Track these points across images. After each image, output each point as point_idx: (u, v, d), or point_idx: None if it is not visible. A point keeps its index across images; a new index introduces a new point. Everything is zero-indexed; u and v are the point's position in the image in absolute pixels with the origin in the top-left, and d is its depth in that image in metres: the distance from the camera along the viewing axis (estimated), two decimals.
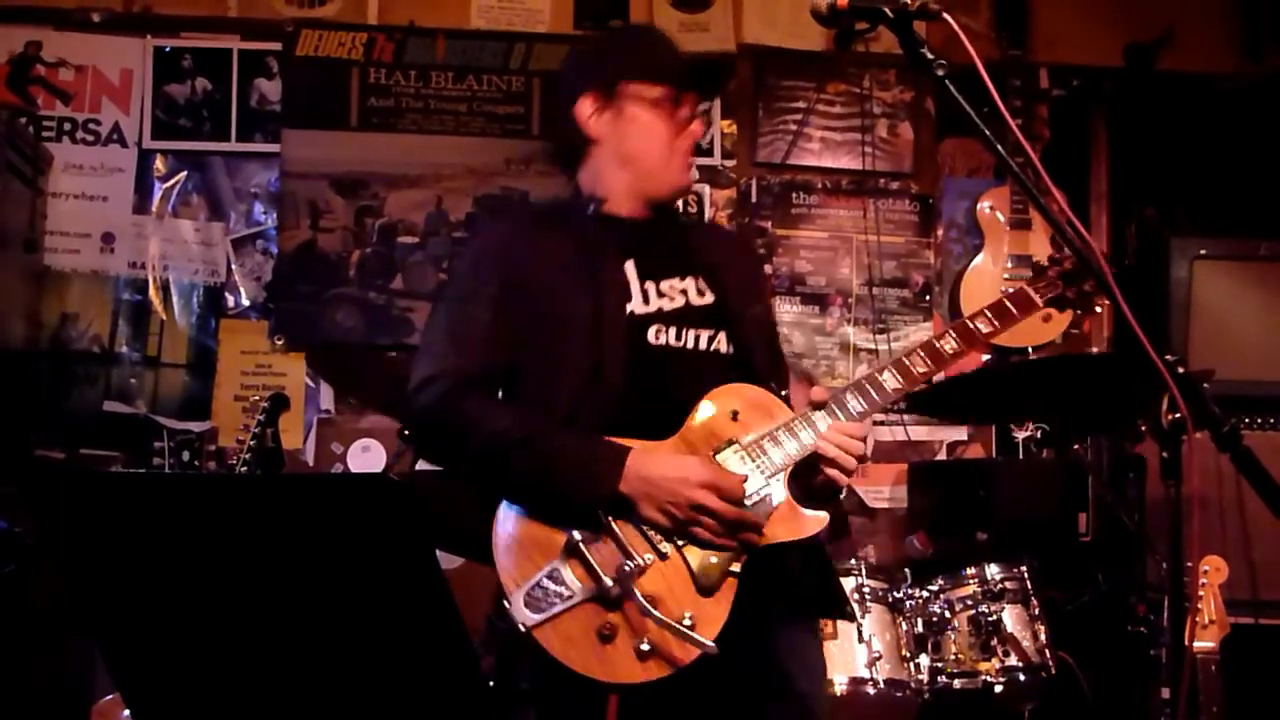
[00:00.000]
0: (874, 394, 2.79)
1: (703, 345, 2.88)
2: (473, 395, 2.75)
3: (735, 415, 2.77)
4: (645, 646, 2.56)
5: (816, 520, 2.75)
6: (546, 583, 2.59)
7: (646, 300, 2.86)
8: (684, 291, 2.91)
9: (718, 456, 2.73)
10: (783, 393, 2.87)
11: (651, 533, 2.65)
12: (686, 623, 2.58)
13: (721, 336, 2.90)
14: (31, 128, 5.54)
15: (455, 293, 2.90)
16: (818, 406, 2.77)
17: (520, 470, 2.67)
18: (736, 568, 2.67)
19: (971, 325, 2.87)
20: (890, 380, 2.80)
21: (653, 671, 2.57)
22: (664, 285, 2.89)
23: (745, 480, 2.68)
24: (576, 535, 2.61)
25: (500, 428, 2.70)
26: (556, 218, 3.00)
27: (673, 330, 2.85)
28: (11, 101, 5.54)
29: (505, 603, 2.57)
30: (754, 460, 2.73)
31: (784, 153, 6.00)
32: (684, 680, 2.58)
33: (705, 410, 2.76)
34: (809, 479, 2.79)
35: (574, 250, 2.86)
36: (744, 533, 2.66)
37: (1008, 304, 2.92)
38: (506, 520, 2.67)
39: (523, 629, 2.55)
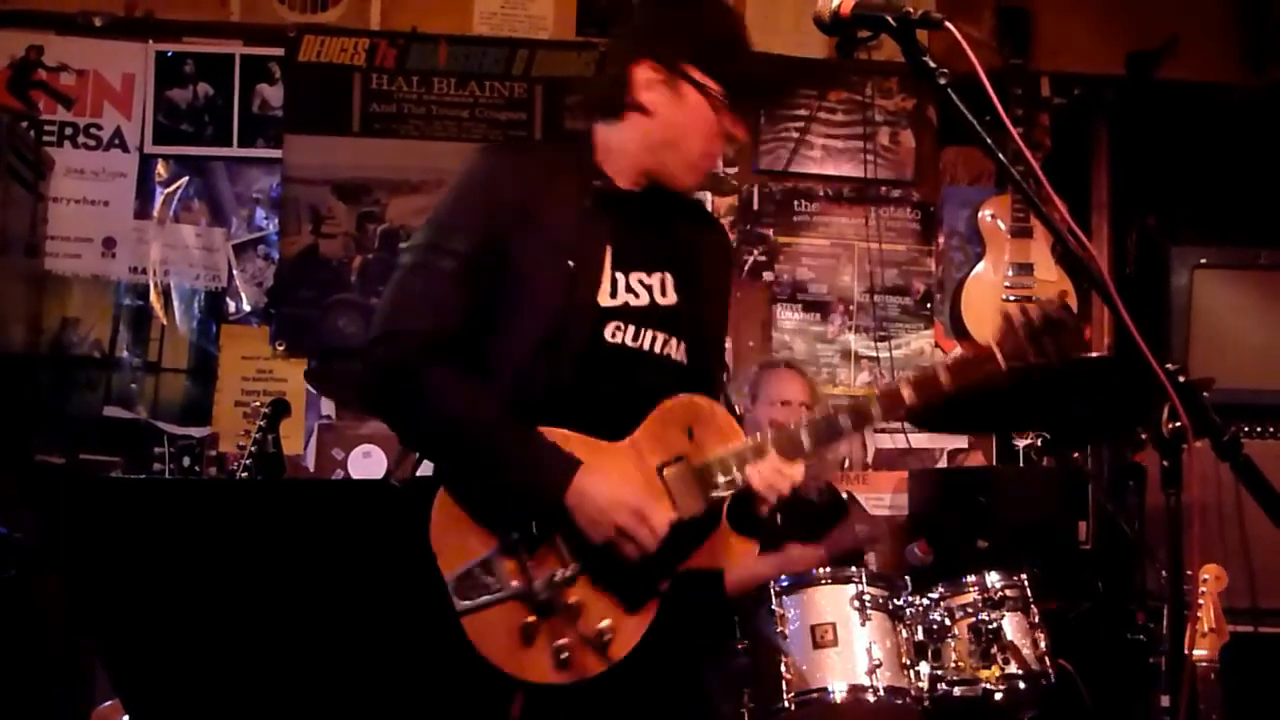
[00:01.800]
0: (827, 433, 2.78)
1: (658, 349, 2.84)
2: (433, 362, 2.68)
3: (691, 433, 2.77)
4: (563, 654, 2.60)
5: (744, 550, 2.81)
6: (478, 572, 2.59)
7: (614, 294, 2.81)
8: (650, 289, 2.86)
9: (665, 472, 2.74)
10: (738, 411, 2.89)
11: (585, 544, 2.65)
12: (605, 635, 2.64)
13: (676, 343, 2.88)
14: (33, 132, 5.54)
15: (431, 238, 2.79)
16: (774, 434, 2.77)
17: (470, 460, 2.67)
18: (663, 587, 2.71)
19: (932, 372, 2.81)
20: (845, 422, 2.79)
21: (563, 676, 2.61)
22: (634, 279, 2.84)
23: (675, 519, 2.68)
24: (515, 535, 2.62)
25: (458, 410, 2.67)
26: (560, 171, 2.88)
27: (631, 329, 2.81)
28: (13, 106, 5.54)
29: (444, 579, 2.55)
30: (700, 483, 2.74)
31: (786, 160, 6.00)
32: (590, 688, 2.63)
33: (661, 420, 2.77)
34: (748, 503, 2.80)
35: (565, 220, 2.79)
36: (678, 546, 2.69)
37: (969, 358, 2.86)
38: (447, 506, 2.63)
39: (457, 612, 2.55)
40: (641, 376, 2.79)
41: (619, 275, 2.82)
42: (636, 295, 2.83)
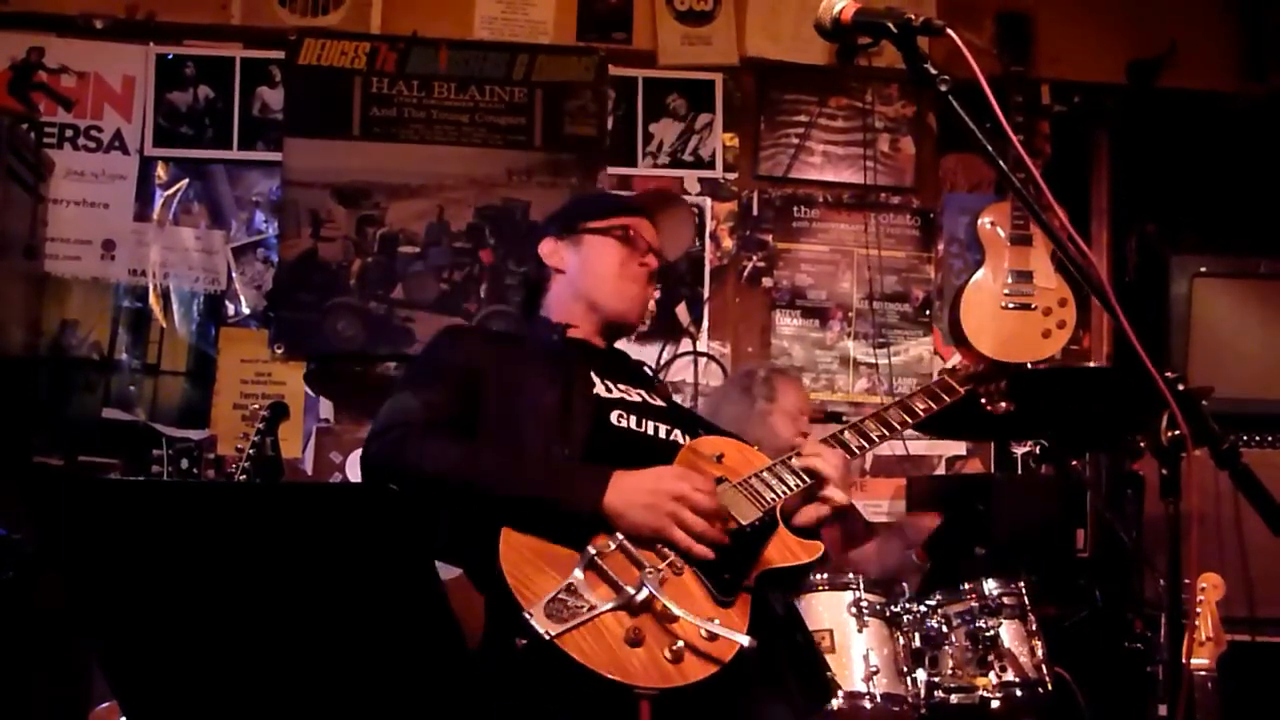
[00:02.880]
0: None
1: (662, 434, 2.96)
2: (434, 429, 2.78)
3: (720, 458, 2.88)
4: (677, 647, 2.51)
5: (812, 548, 2.85)
6: (564, 596, 2.52)
7: (610, 390, 2.97)
8: (641, 394, 3.05)
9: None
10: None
11: (659, 547, 2.66)
12: (713, 632, 2.55)
13: (678, 432, 3.00)
14: (33, 134, 5.54)
15: (408, 375, 3.06)
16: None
17: (507, 493, 2.66)
18: (749, 583, 2.71)
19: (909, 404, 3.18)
20: (852, 439, 3.03)
21: (690, 673, 2.51)
22: (620, 387, 3.02)
23: (742, 516, 2.78)
24: (591, 550, 2.59)
25: (469, 453, 2.75)
26: (518, 337, 3.20)
27: (634, 417, 2.94)
28: (13, 108, 5.54)
29: (525, 615, 2.46)
30: (746, 494, 2.81)
31: (786, 166, 6.00)
32: (716, 686, 2.54)
33: (689, 455, 2.86)
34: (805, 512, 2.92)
35: (538, 359, 2.98)
36: (749, 550, 2.73)
37: (934, 389, 3.22)
38: (511, 543, 2.60)
39: (547, 637, 2.44)
40: (651, 457, 2.81)
41: (608, 382, 3.01)
42: (629, 395, 3.01)
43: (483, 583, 2.60)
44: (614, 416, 2.90)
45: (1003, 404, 3.26)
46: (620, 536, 2.63)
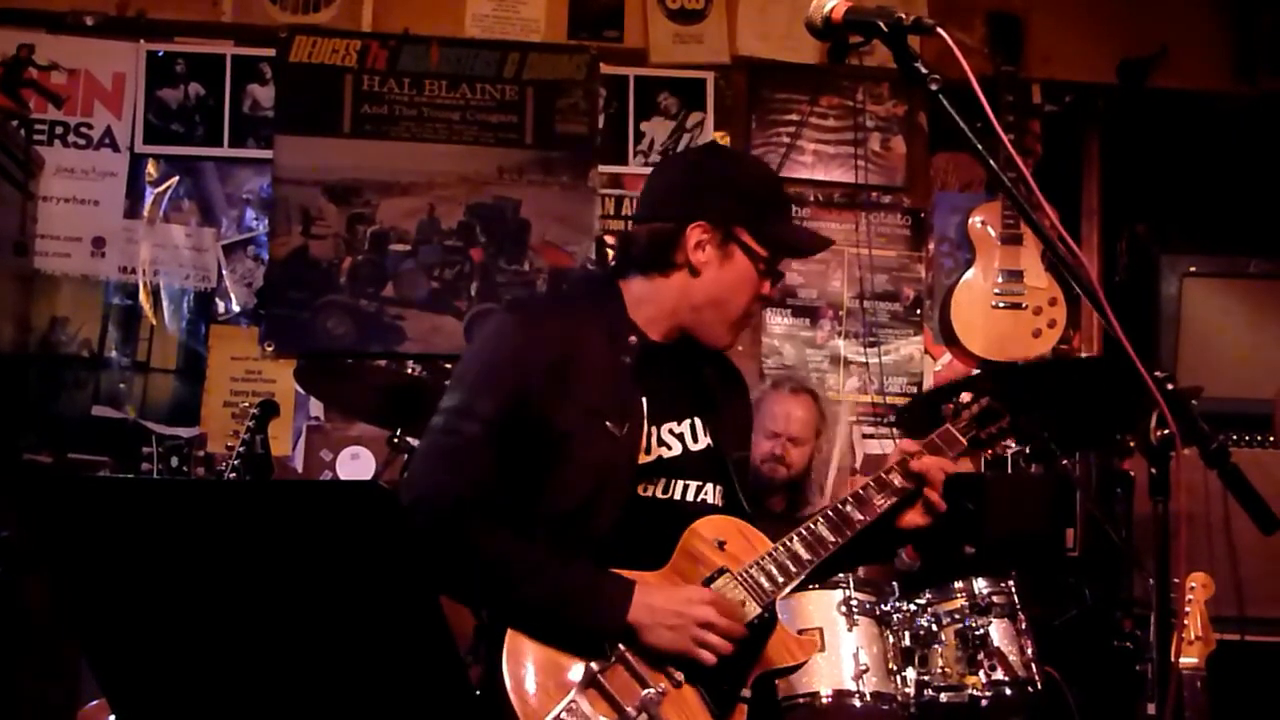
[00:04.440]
0: (843, 524, 2.87)
1: (690, 496, 2.88)
2: (470, 518, 2.68)
3: (722, 545, 2.81)
4: None
5: (809, 644, 2.90)
6: (566, 717, 2.55)
7: (648, 449, 2.82)
8: (682, 437, 2.89)
9: (710, 585, 2.75)
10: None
11: (663, 662, 2.65)
12: None
13: (710, 488, 2.91)
14: (23, 131, 5.52)
15: (460, 401, 2.77)
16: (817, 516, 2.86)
17: (527, 598, 2.64)
18: (746, 693, 2.73)
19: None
20: (854, 511, 2.88)
21: None
22: (665, 431, 2.86)
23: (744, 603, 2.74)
24: (594, 666, 2.60)
25: (505, 553, 2.68)
26: (591, 327, 2.85)
27: (661, 483, 2.83)
28: (3, 104, 5.52)
29: None
30: (746, 587, 2.76)
31: (777, 165, 6.00)
32: None
33: (692, 540, 2.79)
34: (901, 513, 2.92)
35: (601, 380, 2.79)
36: (749, 651, 2.72)
37: (937, 442, 2.99)
38: (516, 654, 2.61)
39: None
40: (679, 524, 2.80)
41: (653, 429, 2.84)
42: (669, 448, 2.86)
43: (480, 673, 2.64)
44: (641, 488, 2.81)
45: (1009, 441, 3.16)
46: (625, 651, 2.63)
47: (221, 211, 5.75)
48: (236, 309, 5.72)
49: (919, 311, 6.06)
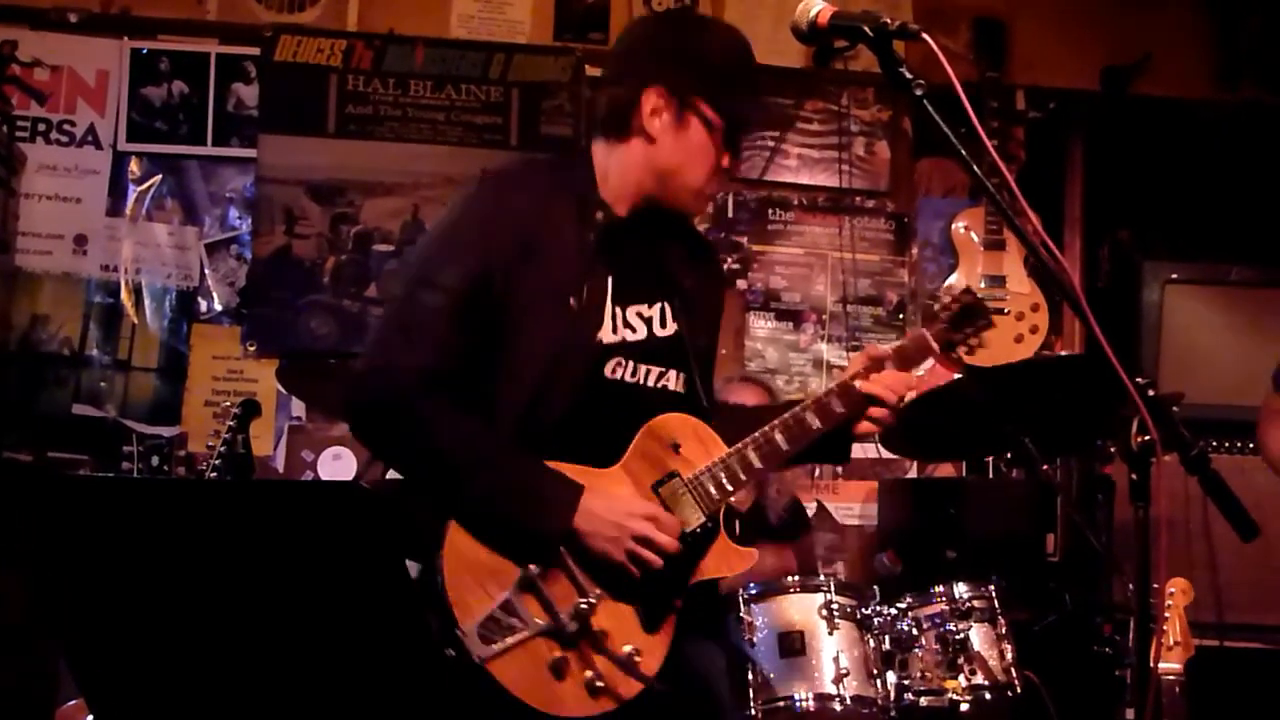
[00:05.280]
0: (799, 433, 2.89)
1: (653, 382, 2.87)
2: (427, 395, 2.66)
3: (677, 448, 2.82)
4: (597, 683, 2.62)
5: (746, 556, 2.86)
6: (500, 614, 2.58)
7: (614, 329, 2.81)
8: (649, 321, 2.88)
9: (660, 489, 2.78)
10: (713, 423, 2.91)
11: (601, 568, 2.66)
12: (634, 656, 2.66)
13: (672, 374, 2.90)
14: (5, 127, 5.51)
15: (424, 271, 2.75)
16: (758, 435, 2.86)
17: (474, 492, 2.65)
18: (678, 604, 2.75)
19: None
20: (813, 419, 2.91)
21: (602, 705, 2.64)
22: (631, 313, 2.85)
23: (685, 522, 2.75)
24: (533, 569, 2.62)
25: (456, 442, 2.67)
26: (559, 200, 2.82)
27: (630, 365, 2.83)
28: None
29: (458, 632, 2.55)
30: (694, 495, 2.79)
31: (761, 168, 6.01)
32: (630, 713, 2.65)
33: (648, 440, 2.80)
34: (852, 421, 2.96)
35: (566, 255, 2.76)
36: (688, 559, 2.75)
37: (908, 349, 3.06)
38: (456, 546, 2.62)
39: (478, 660, 2.55)
40: (638, 409, 2.81)
41: (618, 310, 2.82)
42: (634, 330, 2.85)
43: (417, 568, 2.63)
44: (610, 368, 2.80)
45: (979, 340, 3.14)
46: (566, 555, 2.65)
47: (204, 210, 5.74)
48: (219, 308, 5.71)
49: (902, 316, 6.07)
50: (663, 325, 2.90)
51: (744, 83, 2.86)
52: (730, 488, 2.81)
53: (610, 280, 2.81)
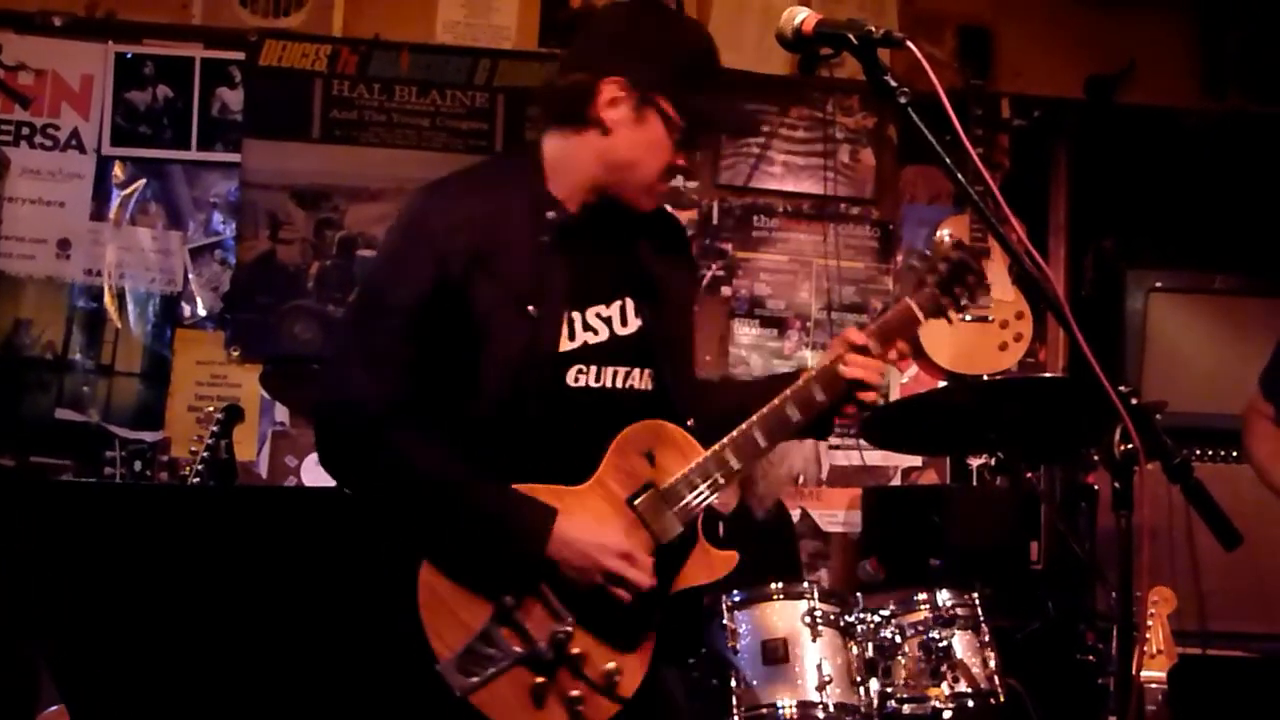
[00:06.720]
0: (778, 428, 2.81)
1: (620, 383, 2.80)
2: (395, 427, 2.62)
3: (651, 457, 2.76)
4: (577, 706, 2.61)
5: (728, 560, 2.82)
6: (478, 646, 2.57)
7: (573, 335, 2.74)
8: (610, 320, 2.81)
9: (636, 503, 2.73)
10: (689, 422, 2.83)
11: (576, 594, 2.64)
12: (614, 676, 2.65)
13: (638, 373, 2.83)
14: None
15: (375, 294, 2.70)
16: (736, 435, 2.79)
17: (444, 523, 2.64)
18: (658, 619, 2.74)
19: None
20: (793, 412, 2.82)
21: None
22: (591, 315, 2.78)
23: (654, 548, 2.71)
24: (508, 600, 2.60)
25: (426, 473, 2.63)
26: (508, 203, 2.74)
27: (593, 370, 2.76)
28: None
29: (436, 668, 2.53)
30: (671, 506, 2.74)
31: (746, 175, 6.01)
32: None
33: (620, 452, 2.74)
34: (837, 407, 2.86)
35: (520, 260, 2.69)
36: (668, 568, 2.73)
37: (891, 325, 2.91)
38: (430, 579, 2.59)
39: (459, 694, 2.53)
40: (607, 415, 2.75)
41: (575, 314, 2.75)
42: (595, 332, 2.78)
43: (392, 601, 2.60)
44: (571, 375, 2.73)
45: (974, 299, 3.06)
46: (540, 583, 2.62)
47: (188, 215, 5.72)
48: (202, 313, 5.69)
49: None
50: (624, 323, 2.82)
51: (707, 79, 2.79)
52: (708, 493, 2.76)
53: (568, 282, 2.74)
